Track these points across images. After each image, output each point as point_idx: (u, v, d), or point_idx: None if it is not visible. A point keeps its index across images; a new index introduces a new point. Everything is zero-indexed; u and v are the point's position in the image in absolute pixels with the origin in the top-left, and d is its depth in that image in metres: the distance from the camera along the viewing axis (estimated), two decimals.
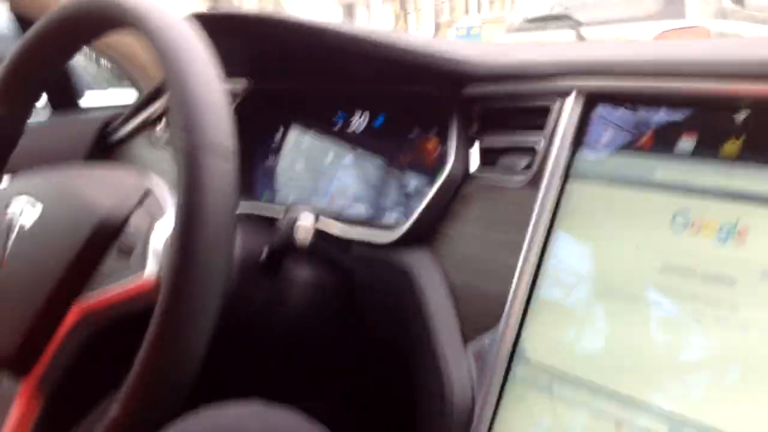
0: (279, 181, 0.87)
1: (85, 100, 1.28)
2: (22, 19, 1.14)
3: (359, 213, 0.78)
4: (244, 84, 0.90)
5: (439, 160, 0.72)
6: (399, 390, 0.69)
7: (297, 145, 0.87)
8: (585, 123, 0.57)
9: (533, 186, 0.59)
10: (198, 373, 0.48)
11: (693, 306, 0.47)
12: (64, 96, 1.21)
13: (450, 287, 0.63)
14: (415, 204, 0.68)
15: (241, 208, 0.81)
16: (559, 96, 0.60)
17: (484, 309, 0.59)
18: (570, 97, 0.58)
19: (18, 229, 0.58)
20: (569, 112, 0.58)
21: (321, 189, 0.82)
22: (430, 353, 0.60)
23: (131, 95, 1.29)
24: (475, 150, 0.67)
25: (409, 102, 0.76)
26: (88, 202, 0.57)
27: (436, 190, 0.66)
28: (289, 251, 0.66)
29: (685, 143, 0.51)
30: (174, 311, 0.46)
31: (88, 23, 0.58)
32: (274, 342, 0.69)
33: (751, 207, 0.47)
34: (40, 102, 1.22)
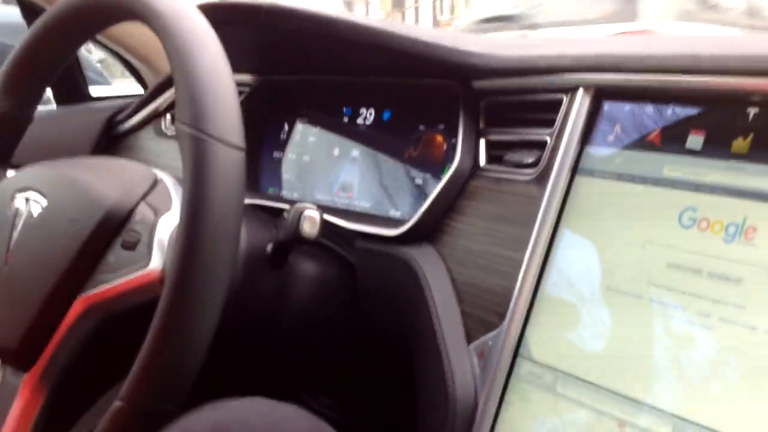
0: (286, 174, 0.87)
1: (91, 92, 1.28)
2: (28, 9, 1.14)
3: (365, 207, 0.78)
4: (252, 76, 0.90)
5: (446, 155, 0.72)
6: (402, 385, 0.69)
7: (304, 138, 0.86)
8: (594, 118, 0.57)
9: (541, 181, 0.58)
10: (203, 366, 0.48)
11: (699, 304, 0.47)
12: (69, 90, 1.21)
13: (455, 282, 0.63)
14: (422, 198, 0.67)
15: (248, 201, 0.81)
16: (568, 91, 0.59)
17: (488, 305, 0.59)
18: (579, 92, 0.58)
19: (23, 222, 0.58)
20: (578, 107, 0.58)
21: (328, 182, 0.82)
22: (433, 349, 0.60)
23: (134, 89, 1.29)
24: (482, 145, 0.67)
25: (418, 96, 0.76)
26: (94, 195, 0.57)
27: (444, 184, 0.66)
28: (294, 245, 0.66)
29: (694, 140, 0.51)
30: (179, 303, 0.46)
31: (96, 14, 0.58)
32: (279, 335, 0.69)
33: (759, 205, 0.46)
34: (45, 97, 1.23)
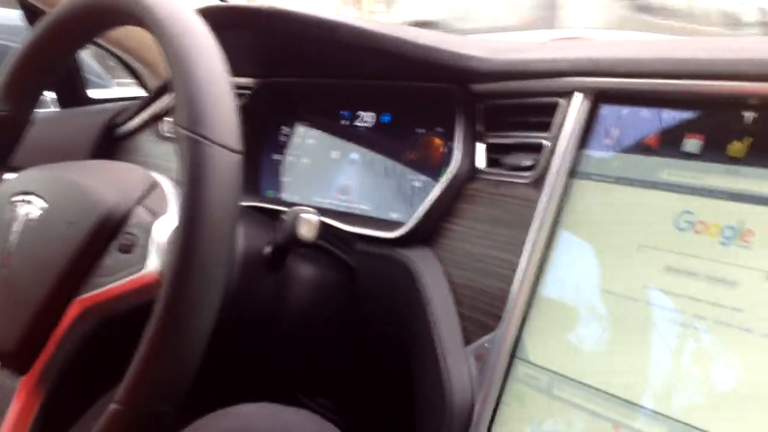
0: (284, 176, 0.87)
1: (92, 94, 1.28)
2: (29, 12, 1.14)
3: (364, 209, 0.78)
4: (251, 79, 0.90)
5: (444, 158, 0.72)
6: (399, 387, 0.69)
7: (303, 141, 0.86)
8: (591, 122, 0.57)
9: (538, 184, 0.58)
10: (200, 368, 0.48)
11: (695, 307, 0.47)
12: (69, 93, 1.21)
13: (453, 285, 0.63)
14: (420, 201, 0.67)
15: (247, 203, 0.81)
16: (565, 94, 0.59)
17: (486, 308, 0.59)
18: (576, 96, 0.58)
19: (22, 225, 0.58)
20: (575, 111, 0.58)
21: (326, 185, 0.82)
22: (431, 351, 0.60)
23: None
24: (480, 148, 0.67)
25: (416, 99, 0.76)
26: (91, 198, 0.57)
27: (441, 187, 0.66)
28: (292, 247, 0.66)
29: (691, 143, 0.51)
30: (175, 305, 0.46)
31: (95, 18, 0.58)
32: (277, 337, 0.69)
33: (755, 208, 0.46)
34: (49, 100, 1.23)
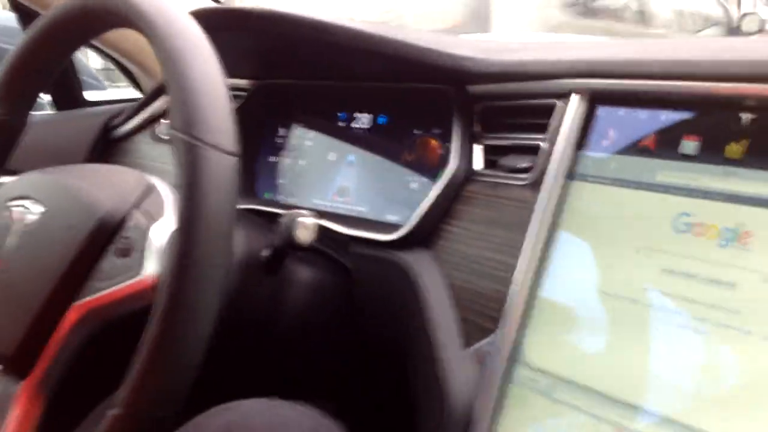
0: (282, 179, 0.87)
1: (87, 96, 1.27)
2: (23, 14, 1.13)
3: (362, 211, 0.78)
4: (248, 81, 0.90)
5: (441, 159, 0.72)
6: (398, 390, 0.69)
7: (300, 142, 0.86)
8: (588, 123, 0.57)
9: (535, 186, 0.58)
10: (199, 371, 0.48)
11: (694, 309, 0.47)
12: (65, 96, 1.21)
13: (451, 287, 0.63)
14: (417, 203, 0.67)
15: (244, 206, 0.81)
16: (562, 96, 0.59)
17: (484, 310, 0.59)
18: (573, 98, 0.58)
19: (18, 230, 0.58)
20: (573, 112, 0.58)
21: (323, 187, 0.82)
22: (429, 354, 0.60)
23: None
24: (477, 149, 0.67)
25: (413, 100, 0.76)
26: (88, 202, 0.57)
27: (439, 189, 0.66)
28: (290, 250, 0.66)
29: (688, 145, 0.51)
30: (173, 310, 0.46)
31: (89, 21, 0.58)
32: (275, 340, 0.69)
33: (753, 210, 0.46)
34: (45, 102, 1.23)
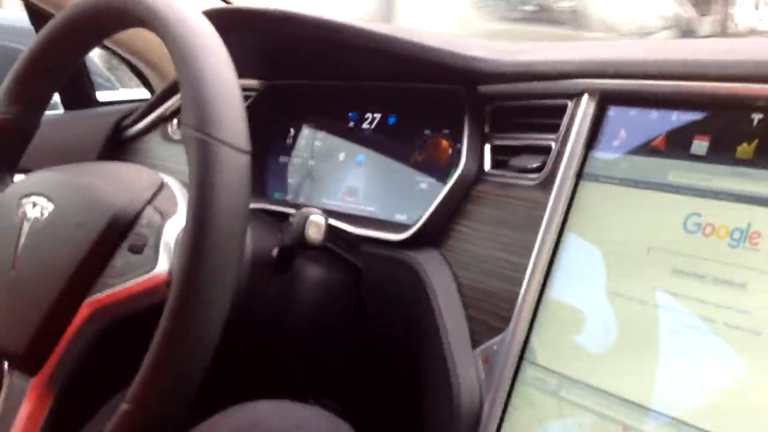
0: (291, 178, 0.88)
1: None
2: (36, 15, 1.14)
3: (371, 211, 0.78)
4: (258, 81, 0.90)
5: (451, 159, 0.72)
6: (407, 389, 0.69)
7: (310, 142, 0.87)
8: (598, 124, 0.57)
9: (545, 186, 0.58)
10: (209, 369, 0.48)
11: (703, 309, 0.47)
12: (76, 95, 1.21)
13: (460, 287, 0.63)
14: (427, 203, 0.67)
15: (254, 205, 0.81)
16: (573, 96, 0.59)
17: (493, 310, 0.59)
18: (584, 98, 0.58)
19: (31, 227, 0.58)
20: (583, 113, 0.58)
21: (333, 187, 0.82)
22: (438, 354, 0.60)
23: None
24: (487, 149, 0.67)
25: (423, 100, 0.76)
26: (100, 200, 0.57)
27: (449, 189, 0.66)
28: (300, 249, 0.66)
29: (699, 145, 0.51)
30: (185, 306, 0.46)
31: (102, 21, 0.58)
32: (284, 338, 0.69)
33: (764, 210, 0.46)
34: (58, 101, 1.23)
